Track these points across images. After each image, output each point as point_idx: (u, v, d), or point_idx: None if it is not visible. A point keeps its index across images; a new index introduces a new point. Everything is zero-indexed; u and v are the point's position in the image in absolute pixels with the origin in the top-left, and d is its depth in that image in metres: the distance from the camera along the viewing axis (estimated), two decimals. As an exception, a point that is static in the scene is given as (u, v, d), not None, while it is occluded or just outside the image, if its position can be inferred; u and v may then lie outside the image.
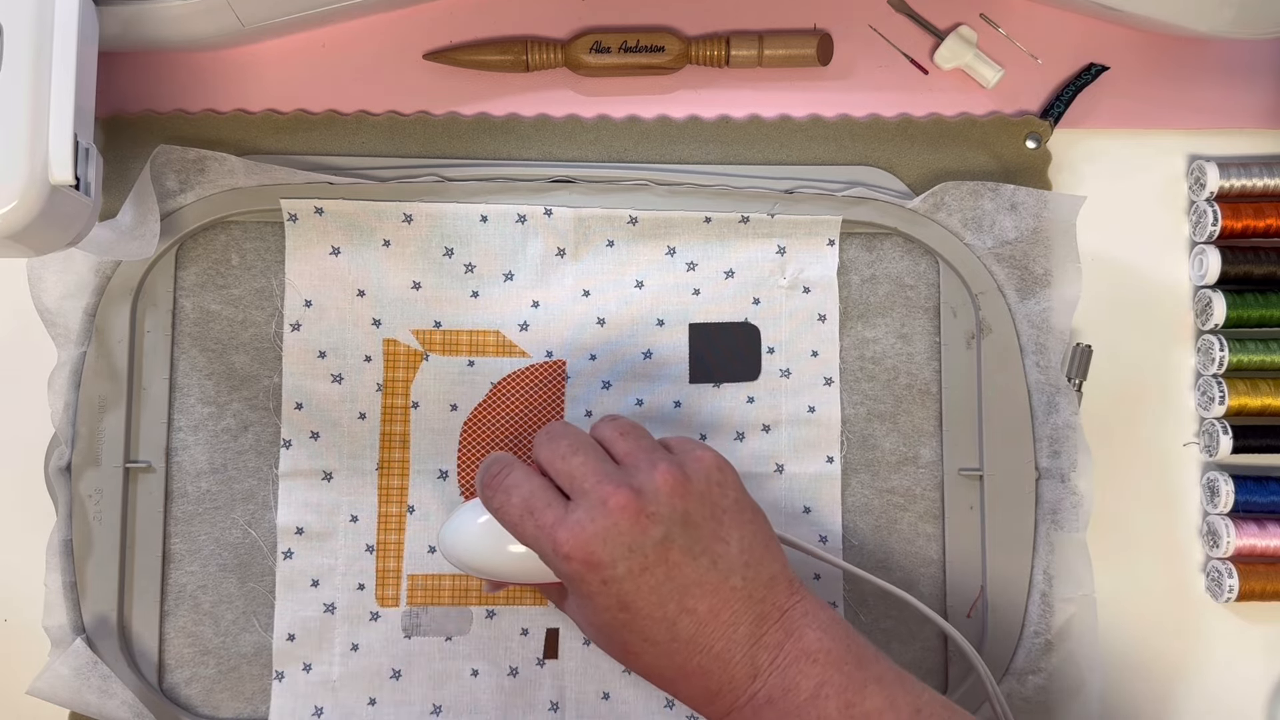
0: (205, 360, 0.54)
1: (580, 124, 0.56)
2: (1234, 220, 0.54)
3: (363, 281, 0.54)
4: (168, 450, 0.54)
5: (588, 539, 0.41)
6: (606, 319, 0.55)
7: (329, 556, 0.54)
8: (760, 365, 0.55)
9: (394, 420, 0.54)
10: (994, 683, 0.49)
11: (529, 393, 0.54)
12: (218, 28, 0.52)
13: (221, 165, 0.54)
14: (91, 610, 0.53)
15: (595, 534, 0.41)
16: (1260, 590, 0.53)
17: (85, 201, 0.45)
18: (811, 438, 0.54)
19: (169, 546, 0.54)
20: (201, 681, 0.53)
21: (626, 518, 0.41)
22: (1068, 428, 0.53)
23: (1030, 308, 0.54)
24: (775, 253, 0.55)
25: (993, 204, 0.54)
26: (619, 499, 0.42)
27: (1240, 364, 0.54)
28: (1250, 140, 0.56)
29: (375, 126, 0.55)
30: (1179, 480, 0.55)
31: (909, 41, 0.57)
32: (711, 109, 0.56)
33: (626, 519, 0.41)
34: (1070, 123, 0.56)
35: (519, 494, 0.43)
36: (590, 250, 0.55)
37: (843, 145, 0.55)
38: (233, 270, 0.55)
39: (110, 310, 0.54)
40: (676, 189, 0.54)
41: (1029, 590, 0.53)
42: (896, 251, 0.55)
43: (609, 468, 0.43)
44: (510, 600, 0.54)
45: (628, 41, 0.55)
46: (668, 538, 0.42)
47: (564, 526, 0.42)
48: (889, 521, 0.54)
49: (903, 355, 0.55)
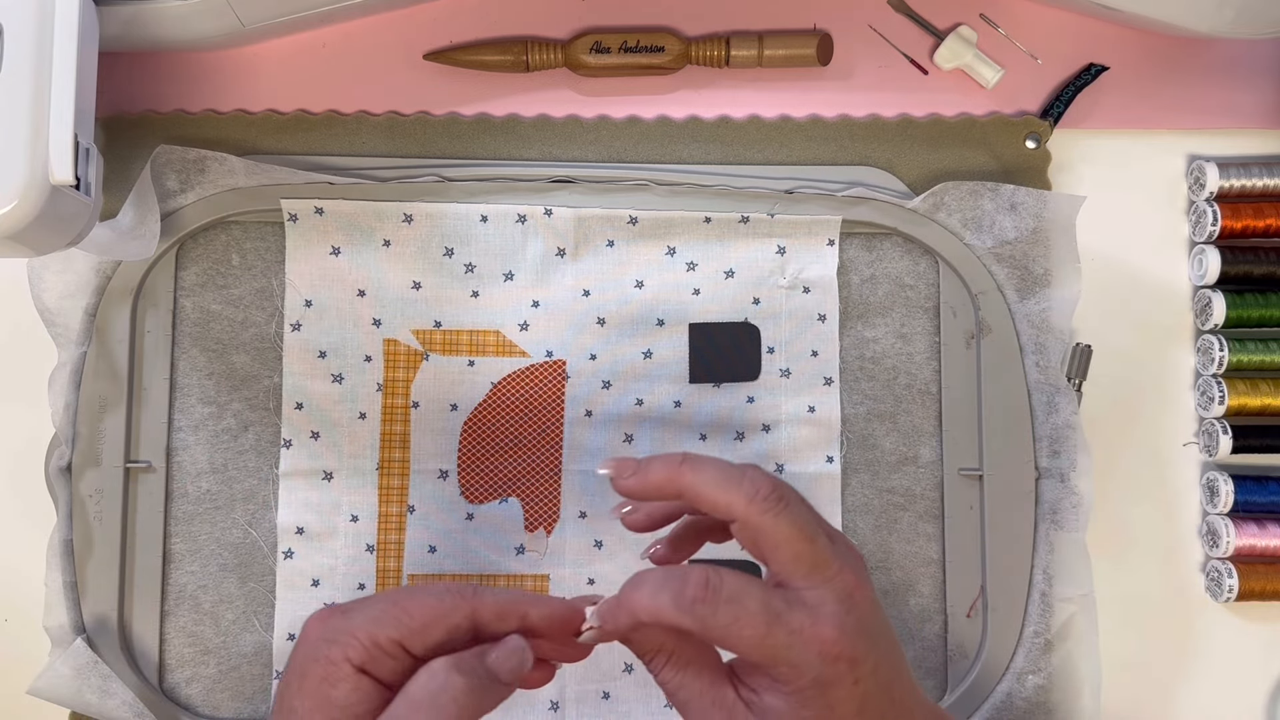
0: (205, 360, 0.54)
1: (580, 124, 0.56)
2: (1234, 220, 0.54)
3: (363, 281, 0.54)
4: (168, 450, 0.54)
5: (849, 634, 0.35)
6: (606, 319, 0.55)
7: (329, 556, 0.54)
8: (760, 365, 0.55)
9: (394, 420, 0.54)
10: None
11: (529, 392, 0.54)
12: (218, 28, 0.52)
13: (222, 165, 0.54)
14: (92, 610, 0.53)
15: (851, 626, 0.35)
16: (1260, 590, 0.53)
17: (85, 201, 0.45)
18: (811, 437, 0.54)
19: (169, 546, 0.54)
20: (202, 681, 0.53)
21: (867, 607, 0.36)
22: (1068, 428, 0.53)
23: (1030, 308, 0.54)
24: (775, 253, 0.55)
25: (992, 204, 0.54)
26: (855, 584, 0.36)
27: (1240, 364, 0.54)
28: (1250, 140, 0.56)
29: (375, 126, 0.55)
30: (1179, 480, 0.56)
31: (909, 41, 0.57)
32: (711, 109, 0.56)
33: (867, 608, 0.36)
34: (1070, 123, 0.56)
35: (753, 600, 0.35)
36: (590, 250, 0.55)
37: (843, 145, 0.55)
38: (233, 270, 0.55)
39: (110, 310, 0.54)
40: (676, 189, 0.54)
41: (1029, 590, 0.53)
42: (896, 251, 0.55)
43: (835, 547, 0.37)
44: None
45: (628, 41, 0.55)
46: (880, 627, 0.37)
47: (824, 623, 0.35)
48: (889, 521, 0.54)
49: (903, 355, 0.55)
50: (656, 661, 0.37)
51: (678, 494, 0.37)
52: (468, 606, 0.36)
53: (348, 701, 0.35)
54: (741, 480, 0.37)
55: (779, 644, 0.35)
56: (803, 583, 0.36)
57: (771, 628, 0.35)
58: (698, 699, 0.37)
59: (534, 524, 0.54)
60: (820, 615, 0.35)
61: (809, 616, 0.35)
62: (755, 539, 0.36)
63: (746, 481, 0.36)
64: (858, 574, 0.36)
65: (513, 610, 0.37)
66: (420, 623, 0.36)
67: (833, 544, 0.37)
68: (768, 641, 0.35)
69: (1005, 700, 0.52)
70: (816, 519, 0.37)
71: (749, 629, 0.35)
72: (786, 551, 0.36)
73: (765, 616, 0.35)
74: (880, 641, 0.36)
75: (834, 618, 0.35)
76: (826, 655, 0.35)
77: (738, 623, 0.35)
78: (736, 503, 0.36)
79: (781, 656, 0.35)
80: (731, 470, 0.37)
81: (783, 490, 0.37)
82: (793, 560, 0.36)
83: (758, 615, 0.35)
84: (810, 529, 0.36)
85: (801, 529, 0.36)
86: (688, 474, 0.37)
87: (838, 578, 0.36)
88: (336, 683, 0.35)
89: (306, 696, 0.35)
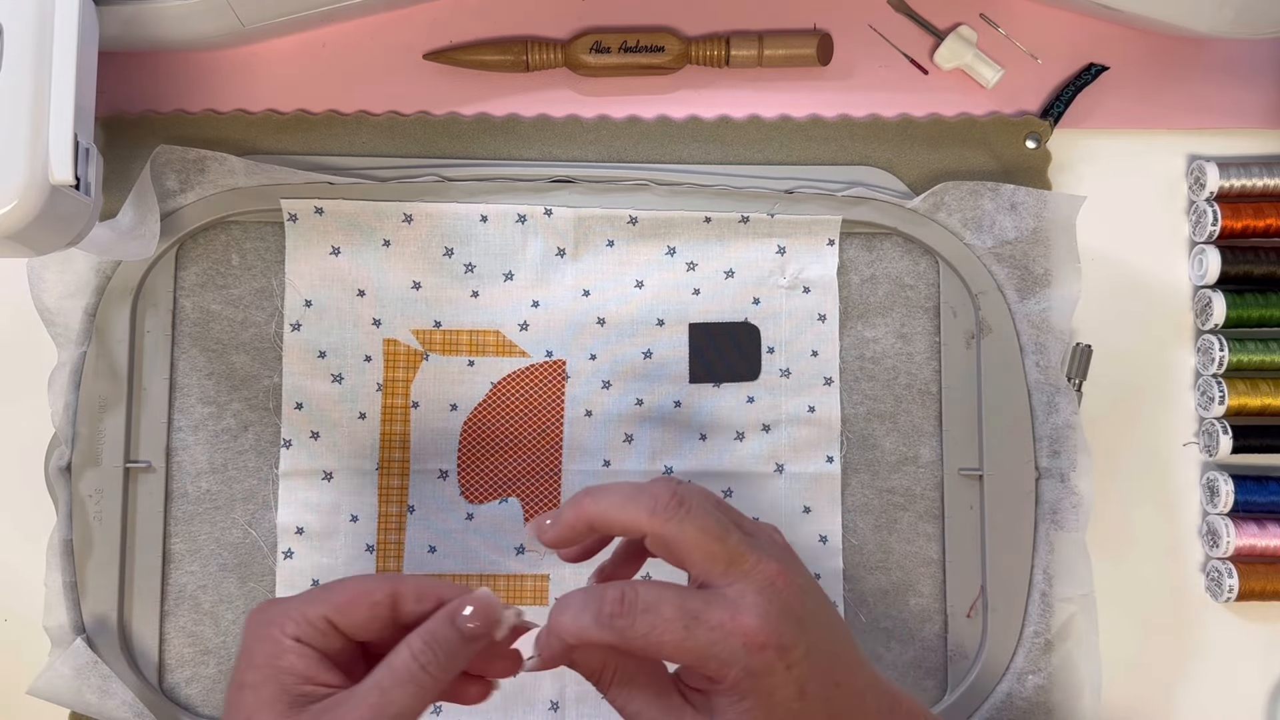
0: (205, 360, 0.54)
1: (580, 124, 0.56)
2: (1234, 220, 0.54)
3: (363, 281, 0.54)
4: (168, 450, 0.54)
5: (774, 622, 0.36)
6: (606, 318, 0.55)
7: (329, 556, 0.54)
8: (760, 365, 0.55)
9: (394, 420, 0.54)
10: None
11: (529, 392, 0.54)
12: (218, 28, 0.52)
13: (221, 165, 0.54)
14: (91, 610, 0.53)
15: (775, 614, 0.36)
16: (1260, 590, 0.53)
17: (85, 201, 0.45)
18: (811, 437, 0.54)
19: (169, 546, 0.54)
20: (202, 681, 0.53)
21: (792, 592, 0.37)
22: (1068, 428, 0.53)
23: (1030, 307, 0.54)
24: (775, 252, 0.55)
25: (993, 204, 0.54)
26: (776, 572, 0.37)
27: (1240, 364, 0.54)
28: (1250, 140, 0.56)
29: (375, 126, 0.55)
30: (1179, 480, 0.56)
31: (909, 41, 0.57)
32: (711, 109, 0.56)
33: (792, 594, 0.37)
34: (1070, 123, 0.56)
35: (669, 606, 0.36)
36: (590, 250, 0.55)
37: (843, 145, 0.55)
38: (233, 270, 0.55)
39: (110, 310, 0.54)
40: (676, 189, 0.54)
41: (1029, 590, 0.53)
42: (896, 251, 0.55)
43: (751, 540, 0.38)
44: (510, 600, 0.53)
45: (628, 41, 0.55)
46: (811, 610, 0.38)
47: (745, 614, 0.36)
48: (889, 521, 0.54)
49: (903, 355, 0.55)
50: (603, 681, 0.39)
51: (590, 527, 0.39)
52: (389, 586, 0.39)
53: (295, 667, 0.37)
54: (640, 496, 0.38)
55: (701, 643, 0.36)
56: (721, 580, 0.37)
57: (690, 629, 0.36)
58: (647, 710, 0.38)
59: (534, 524, 0.54)
60: (741, 607, 0.36)
61: (728, 610, 0.36)
62: (667, 548, 0.38)
63: (645, 496, 0.38)
64: (782, 562, 0.37)
65: (430, 593, 0.39)
66: (345, 599, 0.38)
67: (750, 538, 0.38)
68: (688, 643, 0.36)
69: (1005, 700, 0.52)
70: (727, 517, 0.38)
71: (668, 634, 0.36)
72: (698, 553, 0.37)
73: (682, 619, 0.36)
74: (812, 626, 0.37)
75: (755, 608, 0.36)
76: (751, 645, 0.36)
77: (655, 630, 0.36)
78: (640, 518, 0.37)
79: (708, 654, 0.36)
80: (632, 489, 0.38)
81: (684, 496, 0.38)
82: (706, 560, 0.37)
83: (674, 620, 0.36)
84: (718, 528, 0.37)
85: (707, 529, 0.37)
86: (590, 505, 0.38)
87: (756, 569, 0.37)
88: (281, 654, 0.37)
89: (256, 670, 0.37)
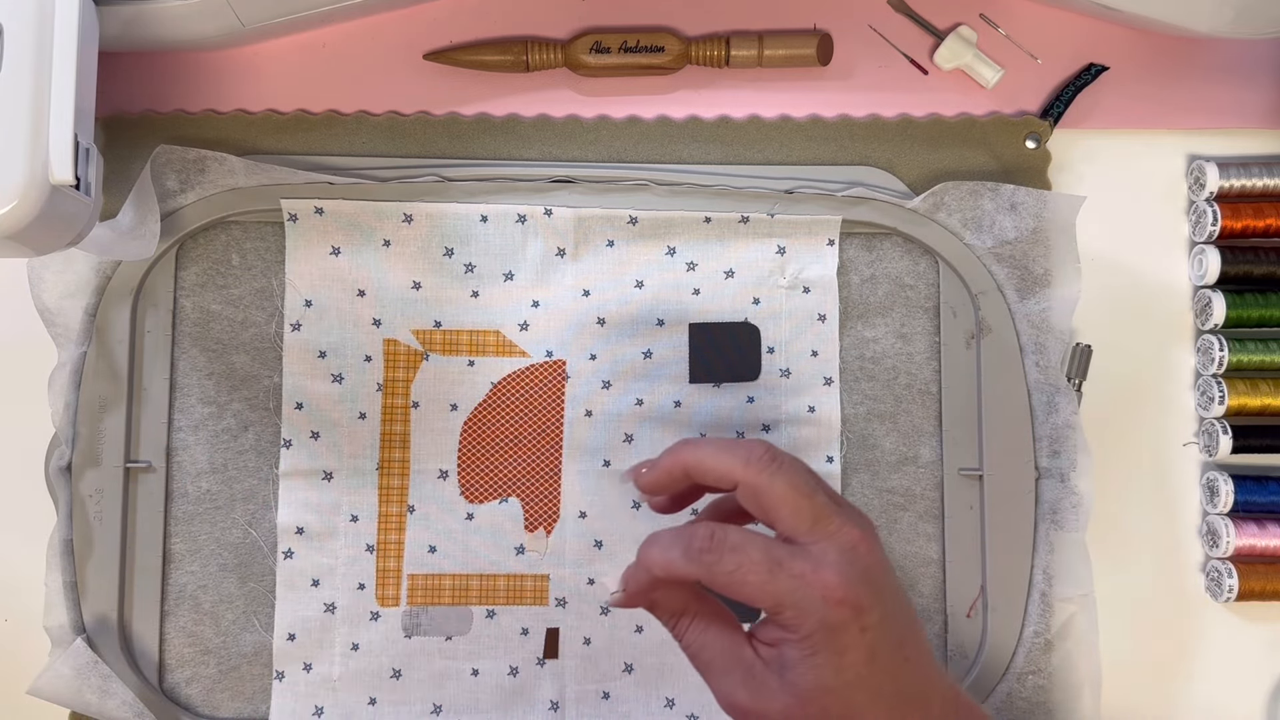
0: (205, 360, 0.54)
1: (580, 124, 0.56)
2: (1234, 220, 0.54)
3: (363, 281, 0.54)
4: (168, 450, 0.54)
5: (853, 582, 0.37)
6: (606, 319, 0.55)
7: (329, 556, 0.54)
8: (760, 365, 0.55)
9: (394, 420, 0.54)
10: None
11: (529, 392, 0.54)
12: (218, 28, 0.52)
13: (221, 165, 0.54)
14: (92, 610, 0.53)
15: (855, 576, 0.37)
16: (1259, 590, 0.53)
17: (85, 201, 0.45)
18: (811, 437, 0.54)
19: (169, 546, 0.54)
20: (202, 681, 0.53)
21: (874, 560, 0.38)
22: (1067, 428, 0.53)
23: (1030, 308, 0.54)
24: (775, 253, 0.55)
25: (992, 204, 0.54)
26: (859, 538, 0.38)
27: (1240, 364, 0.54)
28: (1250, 140, 0.56)
29: (375, 126, 0.55)
30: (1179, 480, 0.56)
31: (909, 41, 0.57)
32: (711, 109, 0.56)
33: (874, 561, 0.38)
34: (1070, 123, 0.56)
35: (755, 549, 0.38)
36: (590, 250, 0.55)
37: (843, 145, 0.55)
38: (233, 270, 0.55)
39: (110, 310, 0.54)
40: (676, 189, 0.54)
41: (1029, 590, 0.53)
42: (896, 251, 0.55)
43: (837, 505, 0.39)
44: (510, 600, 0.54)
45: (628, 41, 0.55)
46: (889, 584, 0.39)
47: (827, 570, 0.37)
48: (889, 521, 0.54)
49: (902, 355, 0.55)
50: (681, 624, 0.40)
51: (685, 474, 0.40)
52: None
53: None
54: (736, 448, 0.39)
55: (782, 588, 0.37)
56: (806, 537, 0.38)
57: (774, 573, 0.37)
58: (720, 658, 0.39)
59: (534, 524, 0.54)
60: (823, 563, 0.37)
61: (810, 563, 0.37)
62: (757, 499, 0.39)
63: (741, 448, 0.39)
64: (864, 531, 0.38)
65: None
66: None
67: (835, 503, 0.39)
68: (770, 586, 0.37)
69: (1005, 700, 0.52)
70: (816, 480, 0.39)
71: (753, 574, 0.37)
72: (786, 508, 0.38)
73: (767, 563, 0.37)
74: (887, 598, 0.38)
75: (836, 565, 0.37)
76: (830, 599, 0.37)
77: (741, 569, 0.37)
78: (735, 467, 0.39)
79: (787, 600, 0.37)
80: (728, 442, 0.40)
81: (778, 454, 0.39)
82: (793, 515, 0.38)
83: (760, 562, 0.37)
84: (808, 487, 0.38)
85: (798, 486, 0.38)
86: (687, 453, 0.40)
87: (840, 532, 0.38)
88: None
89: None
